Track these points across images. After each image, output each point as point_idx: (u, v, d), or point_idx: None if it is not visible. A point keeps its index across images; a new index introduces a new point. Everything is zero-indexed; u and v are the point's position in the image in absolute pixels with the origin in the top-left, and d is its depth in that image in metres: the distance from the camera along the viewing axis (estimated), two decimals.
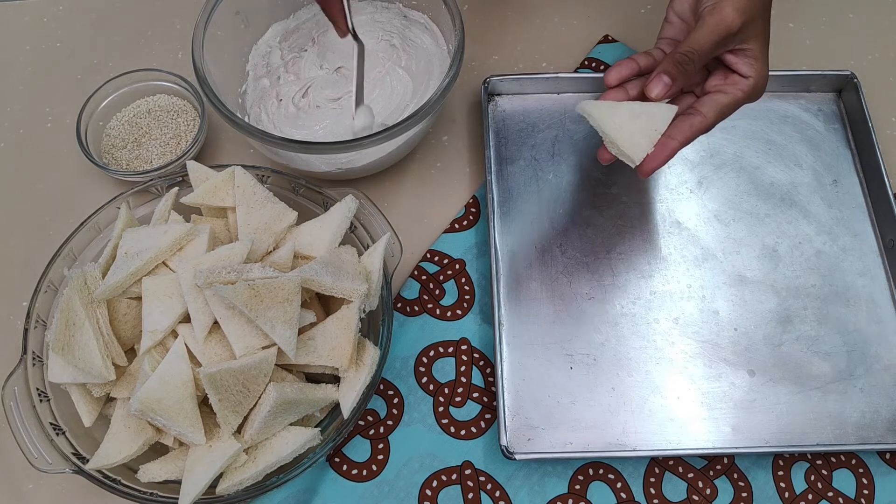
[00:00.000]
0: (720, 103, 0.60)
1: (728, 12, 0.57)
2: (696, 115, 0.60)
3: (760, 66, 0.60)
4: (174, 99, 0.76)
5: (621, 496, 0.61)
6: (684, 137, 0.60)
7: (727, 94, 0.61)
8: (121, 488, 0.55)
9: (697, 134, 0.60)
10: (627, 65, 0.63)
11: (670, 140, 0.60)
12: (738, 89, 0.61)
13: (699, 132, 0.60)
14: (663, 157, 0.60)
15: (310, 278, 0.56)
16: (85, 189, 0.74)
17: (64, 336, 0.56)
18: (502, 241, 0.70)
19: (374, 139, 0.63)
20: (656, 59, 0.64)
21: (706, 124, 0.60)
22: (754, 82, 0.60)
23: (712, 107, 0.60)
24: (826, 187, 0.72)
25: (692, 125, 0.60)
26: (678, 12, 0.64)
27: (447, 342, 0.67)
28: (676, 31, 0.65)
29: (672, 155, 0.60)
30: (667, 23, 0.65)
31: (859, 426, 0.63)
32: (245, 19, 0.75)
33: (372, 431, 0.63)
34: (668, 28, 0.65)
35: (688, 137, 0.60)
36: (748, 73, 0.60)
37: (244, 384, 0.54)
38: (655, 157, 0.60)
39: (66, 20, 0.84)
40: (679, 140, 0.60)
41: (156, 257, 0.58)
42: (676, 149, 0.60)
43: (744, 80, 0.61)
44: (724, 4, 0.58)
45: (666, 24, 0.66)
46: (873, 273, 0.69)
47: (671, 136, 0.60)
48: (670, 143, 0.60)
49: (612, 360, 0.65)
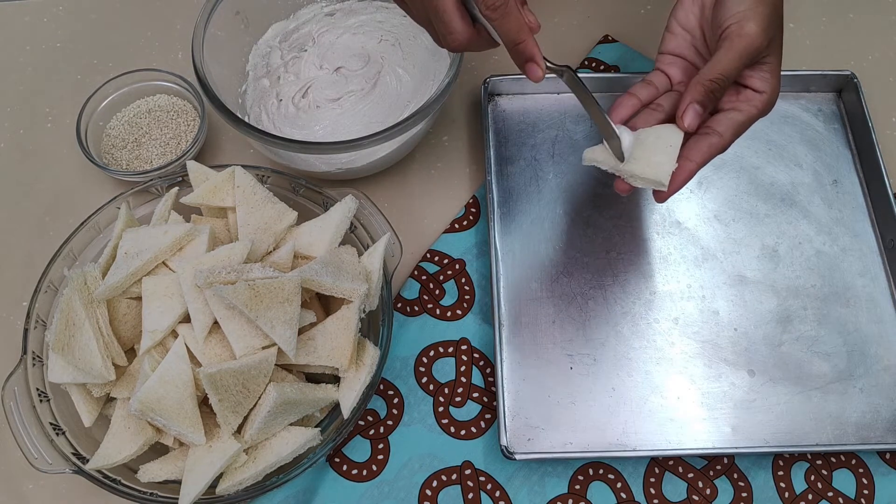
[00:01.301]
0: (736, 121, 0.58)
1: (755, 33, 0.55)
2: (712, 134, 0.58)
3: (774, 80, 0.58)
4: (174, 99, 0.76)
5: (621, 496, 0.61)
6: (702, 159, 0.57)
7: (742, 112, 0.58)
8: (121, 488, 0.55)
9: (715, 154, 0.58)
10: (628, 102, 0.61)
11: (688, 162, 0.57)
12: (753, 106, 0.58)
13: (717, 152, 0.58)
14: (682, 179, 0.57)
15: (310, 278, 0.56)
16: (85, 189, 0.74)
17: (64, 336, 0.56)
18: (502, 241, 0.70)
19: (374, 139, 0.63)
20: (657, 87, 0.62)
21: (724, 144, 0.58)
22: (768, 97, 0.58)
23: (729, 126, 0.58)
24: (826, 187, 0.72)
25: (711, 146, 0.57)
26: (683, 24, 0.62)
27: (447, 342, 0.67)
28: (680, 45, 0.62)
29: (691, 176, 0.57)
30: (669, 34, 0.63)
31: (859, 426, 0.63)
32: (245, 19, 0.75)
33: (372, 431, 0.63)
34: (671, 40, 0.63)
35: (706, 159, 0.57)
36: (762, 88, 0.58)
37: (244, 384, 0.54)
38: (675, 180, 0.57)
39: (66, 20, 0.84)
40: (697, 162, 0.57)
41: (156, 257, 0.58)
42: (694, 171, 0.57)
43: (758, 96, 0.58)
44: (747, 24, 0.55)
45: (668, 36, 0.63)
46: (873, 273, 0.69)
47: (689, 158, 0.57)
48: (688, 165, 0.57)
49: (612, 360, 0.65)
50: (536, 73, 0.55)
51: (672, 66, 0.63)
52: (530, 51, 0.54)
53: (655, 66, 0.64)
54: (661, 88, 0.62)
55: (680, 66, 0.63)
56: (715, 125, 0.58)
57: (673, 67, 0.63)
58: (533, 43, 0.54)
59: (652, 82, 0.62)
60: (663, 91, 0.63)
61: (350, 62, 0.75)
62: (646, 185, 0.59)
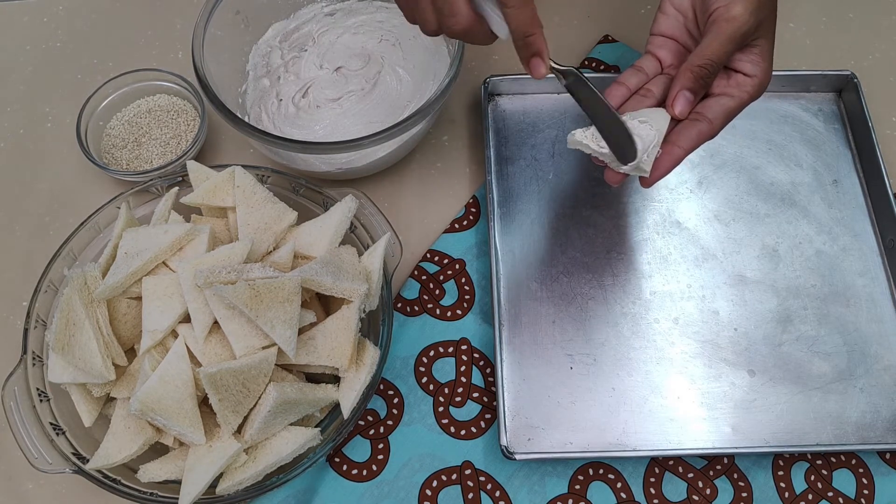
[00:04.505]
0: (727, 107, 0.57)
1: (741, 16, 0.55)
2: (702, 121, 0.57)
3: (766, 64, 0.58)
4: (174, 99, 0.76)
5: (621, 496, 0.61)
6: (690, 145, 0.57)
7: (733, 98, 0.58)
8: (121, 488, 0.55)
9: (704, 141, 0.57)
10: (616, 92, 0.60)
11: (675, 148, 0.57)
12: (744, 91, 0.58)
13: (706, 139, 0.57)
14: (668, 165, 0.57)
15: (310, 278, 0.56)
16: (85, 189, 0.74)
17: (64, 336, 0.56)
18: (502, 241, 0.70)
19: (374, 139, 0.63)
20: (647, 73, 0.61)
21: (713, 131, 0.57)
22: (759, 81, 0.58)
23: (719, 112, 0.57)
24: (826, 187, 0.72)
25: (700, 132, 0.57)
26: (676, 5, 0.61)
27: (447, 342, 0.67)
28: (672, 26, 0.62)
29: (678, 163, 0.57)
30: (662, 14, 0.62)
31: (859, 426, 0.63)
32: (245, 19, 0.75)
33: (372, 431, 0.63)
34: (664, 21, 0.62)
35: (694, 145, 0.57)
36: (753, 72, 0.58)
37: (244, 384, 0.54)
38: (660, 166, 0.57)
39: (66, 20, 0.84)
40: (685, 148, 0.57)
41: (156, 257, 0.58)
42: (682, 157, 0.57)
43: (748, 81, 0.58)
44: (734, 7, 0.55)
45: (661, 17, 0.62)
46: (873, 273, 0.69)
47: (677, 144, 0.57)
48: (676, 151, 0.57)
49: (612, 360, 0.65)
50: (540, 70, 0.55)
51: (663, 48, 0.62)
52: (539, 45, 0.54)
53: (646, 49, 0.63)
54: (652, 74, 0.62)
55: (671, 49, 0.62)
56: (705, 111, 0.58)
57: (664, 50, 0.62)
58: (542, 38, 0.54)
59: (642, 68, 0.62)
60: (653, 76, 0.62)
61: (350, 62, 0.75)
62: (626, 169, 0.58)
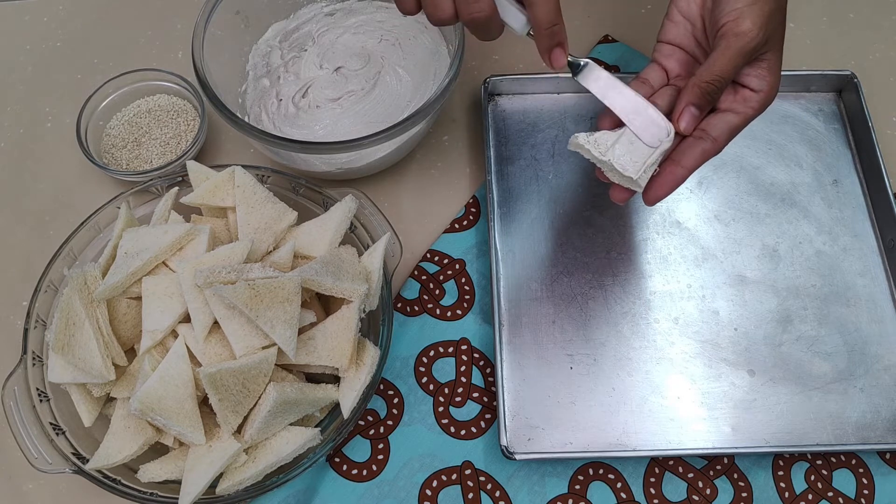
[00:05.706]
0: (732, 124, 0.57)
1: (751, 31, 0.54)
2: (705, 139, 0.56)
3: (772, 78, 0.57)
4: (174, 99, 0.76)
5: (621, 496, 0.61)
6: (694, 165, 0.56)
7: (738, 115, 0.57)
8: (121, 488, 0.55)
9: (708, 159, 0.57)
10: None
11: (679, 168, 0.56)
12: (749, 107, 0.57)
13: (709, 157, 0.57)
14: (671, 185, 0.56)
15: (310, 278, 0.56)
16: (85, 189, 0.74)
17: (64, 336, 0.56)
18: (502, 241, 0.70)
19: (374, 139, 0.63)
20: (653, 84, 0.61)
21: (717, 149, 0.56)
22: (765, 97, 0.57)
23: (724, 129, 0.56)
24: (826, 187, 0.72)
25: (704, 151, 0.56)
26: (684, 12, 0.61)
27: (447, 342, 0.67)
28: (680, 34, 0.61)
29: (681, 183, 0.56)
30: (670, 22, 0.62)
31: (859, 426, 0.63)
32: (245, 19, 0.75)
33: (372, 431, 0.63)
34: (672, 28, 0.61)
35: (697, 165, 0.56)
36: (759, 87, 0.57)
37: (244, 384, 0.54)
38: (662, 185, 0.56)
39: (66, 20, 0.84)
40: (689, 168, 0.56)
41: (156, 257, 0.58)
42: (685, 177, 0.56)
43: (754, 96, 0.57)
44: (744, 22, 0.54)
45: (668, 24, 0.62)
46: (873, 273, 0.69)
47: (681, 164, 0.56)
48: (678, 170, 0.56)
49: (612, 360, 0.65)
50: (561, 60, 0.56)
51: (670, 58, 0.62)
52: (562, 35, 0.55)
53: (653, 58, 0.62)
54: (658, 85, 0.61)
55: (678, 58, 0.62)
56: (710, 129, 0.57)
57: (671, 60, 0.62)
58: (564, 29, 0.55)
59: (647, 80, 0.61)
60: (659, 87, 0.61)
61: (350, 62, 0.75)
62: (622, 182, 0.58)
